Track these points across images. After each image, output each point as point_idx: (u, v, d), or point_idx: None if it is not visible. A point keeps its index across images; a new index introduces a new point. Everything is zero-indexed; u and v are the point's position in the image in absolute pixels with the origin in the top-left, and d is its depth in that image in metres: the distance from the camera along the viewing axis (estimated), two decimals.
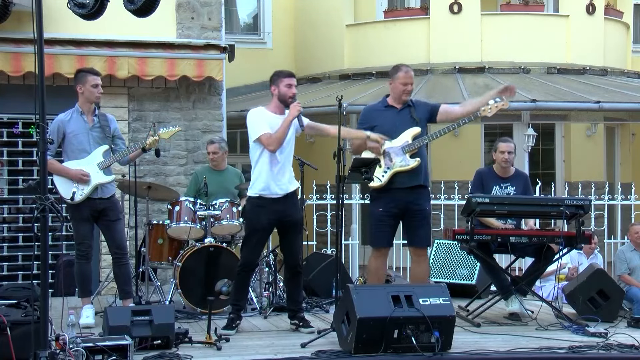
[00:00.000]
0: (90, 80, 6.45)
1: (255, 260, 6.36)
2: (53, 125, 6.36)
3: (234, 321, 6.14)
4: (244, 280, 6.27)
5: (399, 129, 6.44)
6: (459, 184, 10.23)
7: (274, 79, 6.19)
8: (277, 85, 6.16)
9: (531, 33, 13.67)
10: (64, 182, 6.42)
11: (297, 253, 6.33)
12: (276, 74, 6.22)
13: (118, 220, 6.61)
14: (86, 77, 6.47)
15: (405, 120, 6.48)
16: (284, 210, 6.15)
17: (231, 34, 13.25)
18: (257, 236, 6.19)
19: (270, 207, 6.11)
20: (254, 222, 6.17)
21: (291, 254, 6.30)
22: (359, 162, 6.09)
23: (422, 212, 6.48)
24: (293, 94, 6.14)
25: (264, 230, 6.21)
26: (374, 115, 6.53)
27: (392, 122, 6.46)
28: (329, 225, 9.89)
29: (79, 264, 6.52)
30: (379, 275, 6.56)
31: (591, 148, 14.11)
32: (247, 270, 6.26)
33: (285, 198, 6.15)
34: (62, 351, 4.71)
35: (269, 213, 6.11)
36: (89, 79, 6.45)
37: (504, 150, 7.12)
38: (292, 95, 6.12)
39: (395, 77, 6.50)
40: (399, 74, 6.49)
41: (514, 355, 5.42)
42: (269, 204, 6.11)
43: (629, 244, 8.88)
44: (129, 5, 5.85)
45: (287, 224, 6.23)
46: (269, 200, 6.11)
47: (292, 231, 6.26)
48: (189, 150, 9.56)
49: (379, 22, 14.37)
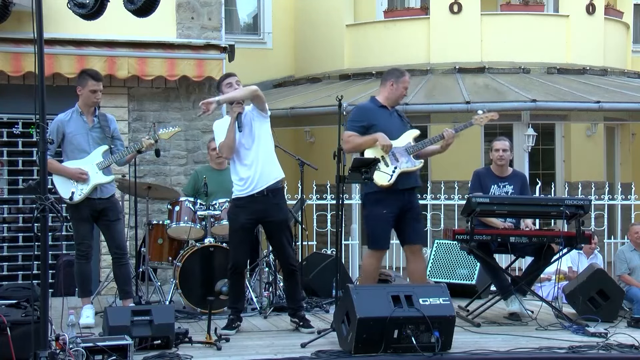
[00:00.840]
0: (90, 85, 6.45)
1: (242, 260, 6.31)
2: (52, 126, 6.35)
3: (234, 322, 6.15)
4: (236, 282, 6.27)
5: (393, 130, 6.47)
6: (459, 184, 10.24)
7: (218, 87, 6.36)
8: (221, 90, 6.26)
9: (531, 33, 13.67)
10: (63, 182, 6.42)
11: (287, 252, 6.31)
12: (217, 82, 6.39)
13: (118, 220, 6.60)
14: (87, 81, 6.46)
15: (397, 122, 6.57)
16: (264, 210, 6.13)
17: (231, 34, 13.26)
18: (238, 236, 6.19)
19: (250, 207, 6.11)
20: (233, 222, 6.22)
21: (282, 253, 6.31)
22: (359, 162, 6.08)
23: (416, 210, 6.57)
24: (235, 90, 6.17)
25: (243, 230, 6.19)
26: (372, 114, 6.51)
27: (388, 122, 6.49)
28: (329, 225, 9.90)
29: (79, 264, 6.52)
30: (374, 277, 6.58)
31: (591, 148, 14.12)
32: (237, 272, 6.24)
33: (266, 197, 6.12)
34: (62, 351, 4.71)
35: (247, 213, 6.12)
36: (88, 84, 6.45)
37: (499, 148, 7.16)
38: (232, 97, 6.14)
39: (400, 80, 6.55)
40: (404, 78, 6.58)
41: (514, 355, 5.42)
42: (248, 204, 6.11)
43: (629, 244, 8.88)
44: (129, 5, 5.85)
45: (269, 225, 6.25)
46: (247, 201, 6.11)
47: (277, 232, 6.24)
48: (189, 150, 9.56)
49: (379, 22, 14.37)
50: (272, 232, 6.28)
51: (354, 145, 6.42)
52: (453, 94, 12.25)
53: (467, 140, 13.44)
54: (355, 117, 6.52)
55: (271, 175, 6.17)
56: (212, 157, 8.01)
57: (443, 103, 12.03)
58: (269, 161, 6.20)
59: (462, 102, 11.83)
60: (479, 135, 13.66)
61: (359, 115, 6.53)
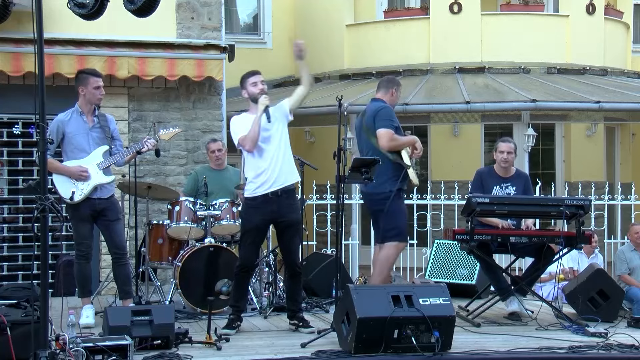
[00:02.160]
0: (92, 82, 6.44)
1: (252, 260, 6.34)
2: (53, 125, 6.35)
3: (234, 322, 6.14)
4: (242, 281, 6.26)
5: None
6: (459, 184, 10.24)
7: (242, 83, 6.31)
8: (245, 87, 6.26)
9: (531, 33, 13.66)
10: (63, 182, 6.41)
11: (295, 254, 6.33)
12: (241, 78, 6.32)
13: (117, 220, 6.60)
14: (88, 79, 6.46)
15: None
16: (278, 211, 6.12)
17: (231, 34, 13.25)
18: (251, 236, 6.18)
19: (264, 208, 6.10)
20: (247, 222, 6.21)
21: (289, 254, 6.30)
22: (359, 162, 6.09)
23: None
24: (260, 89, 6.19)
25: (257, 230, 6.19)
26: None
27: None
28: (329, 225, 9.89)
29: (79, 264, 6.52)
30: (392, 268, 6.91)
31: (591, 148, 14.11)
32: (245, 271, 6.25)
33: (280, 198, 6.12)
34: (62, 351, 4.71)
35: (262, 213, 6.11)
36: (91, 81, 6.44)
37: (504, 150, 7.14)
38: (259, 91, 6.17)
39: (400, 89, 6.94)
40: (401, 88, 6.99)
41: (514, 355, 5.42)
42: (263, 204, 6.10)
43: (629, 244, 8.88)
44: (129, 5, 5.85)
45: (282, 225, 6.22)
46: (261, 201, 6.10)
47: (289, 232, 6.24)
48: (189, 150, 9.57)
49: (379, 22, 14.36)
50: (284, 232, 6.26)
51: (399, 144, 6.61)
52: (453, 94, 12.25)
53: (467, 140, 13.47)
54: (391, 117, 6.65)
55: (288, 178, 6.19)
56: (211, 158, 8.01)
57: (443, 103, 12.02)
58: (287, 162, 6.23)
59: (462, 102, 11.83)
60: (479, 135, 13.66)
61: (392, 115, 6.69)
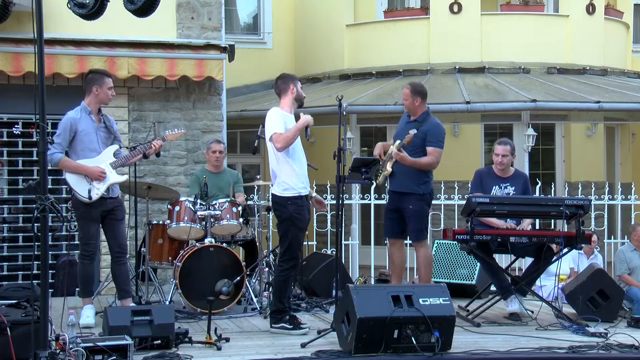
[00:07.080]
0: (107, 82, 6.51)
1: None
2: (65, 123, 6.35)
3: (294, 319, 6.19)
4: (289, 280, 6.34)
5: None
6: (459, 184, 10.23)
7: (291, 79, 6.35)
8: (295, 86, 6.30)
9: (531, 33, 13.65)
10: (78, 181, 6.36)
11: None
12: (291, 76, 6.43)
13: (123, 219, 6.65)
14: (103, 79, 6.51)
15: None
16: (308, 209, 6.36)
17: (231, 34, 13.25)
18: (302, 235, 6.35)
19: (306, 205, 6.31)
20: (301, 222, 6.21)
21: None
22: (359, 162, 6.10)
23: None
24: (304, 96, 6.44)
25: (305, 229, 6.40)
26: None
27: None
28: (329, 225, 9.89)
29: (83, 264, 6.50)
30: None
31: (591, 148, 14.10)
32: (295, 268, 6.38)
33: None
34: (62, 351, 4.71)
35: (307, 212, 6.34)
36: (106, 82, 6.50)
37: (499, 154, 7.17)
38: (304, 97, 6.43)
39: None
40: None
41: (514, 355, 5.42)
42: (305, 203, 6.28)
43: (629, 244, 8.87)
44: (129, 5, 5.85)
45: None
46: (304, 200, 6.26)
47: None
48: (189, 150, 9.56)
49: (379, 22, 14.35)
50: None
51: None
52: (453, 94, 12.25)
53: (467, 140, 13.47)
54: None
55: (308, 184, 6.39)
56: (210, 159, 8.02)
57: (443, 103, 12.00)
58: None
59: (462, 102, 11.82)
60: (479, 135, 13.66)
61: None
